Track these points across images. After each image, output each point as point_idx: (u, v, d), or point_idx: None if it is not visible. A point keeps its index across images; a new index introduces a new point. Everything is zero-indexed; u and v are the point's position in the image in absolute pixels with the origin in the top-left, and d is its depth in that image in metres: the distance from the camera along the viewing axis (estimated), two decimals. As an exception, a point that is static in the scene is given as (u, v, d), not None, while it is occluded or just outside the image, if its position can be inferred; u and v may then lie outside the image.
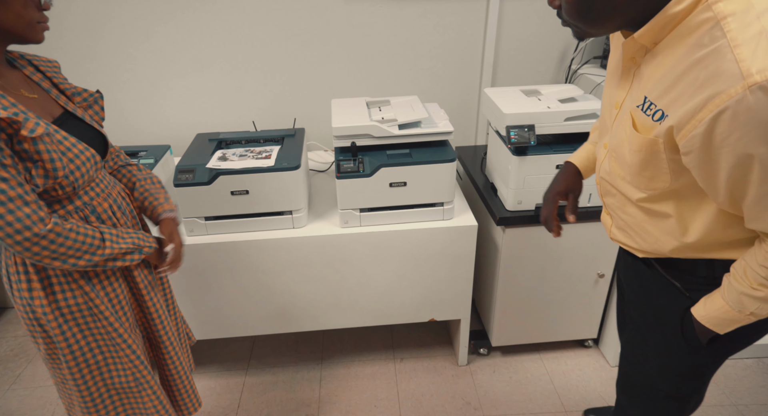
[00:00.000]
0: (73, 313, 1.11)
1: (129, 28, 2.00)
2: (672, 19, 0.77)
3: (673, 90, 0.79)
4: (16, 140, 0.91)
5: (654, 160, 0.87)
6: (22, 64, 1.05)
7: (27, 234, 0.93)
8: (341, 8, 2.04)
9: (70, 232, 0.98)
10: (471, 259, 1.77)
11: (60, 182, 0.98)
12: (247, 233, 1.68)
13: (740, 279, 0.90)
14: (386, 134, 1.61)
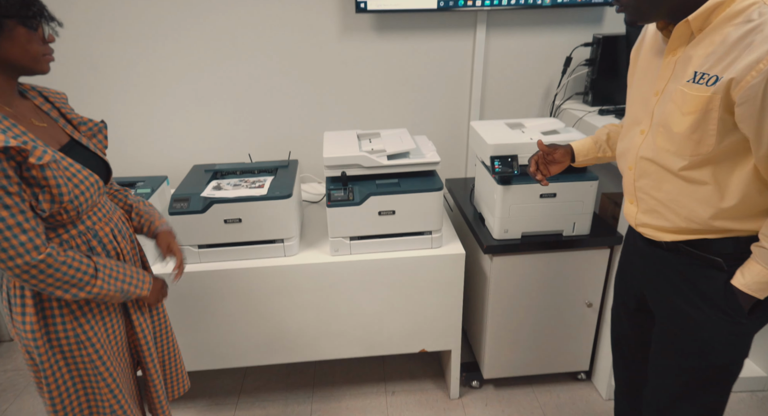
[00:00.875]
0: (60, 340, 1.12)
1: (130, 65, 2.09)
2: (720, 4, 0.93)
3: (727, 57, 0.92)
4: (25, 167, 0.96)
5: (704, 121, 0.96)
6: (32, 95, 1.12)
7: (19, 261, 0.96)
8: (334, 45, 2.14)
9: (62, 265, 1.00)
10: (460, 287, 1.79)
11: (65, 207, 1.03)
12: (239, 261, 1.70)
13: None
14: (375, 164, 1.67)
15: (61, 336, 1.12)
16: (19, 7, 0.94)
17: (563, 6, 2.09)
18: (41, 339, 1.10)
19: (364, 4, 2.02)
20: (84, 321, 1.13)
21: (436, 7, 2.06)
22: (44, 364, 1.12)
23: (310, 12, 2.08)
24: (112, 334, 1.20)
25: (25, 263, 0.96)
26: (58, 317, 1.10)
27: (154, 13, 2.02)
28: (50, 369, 1.13)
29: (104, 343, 1.17)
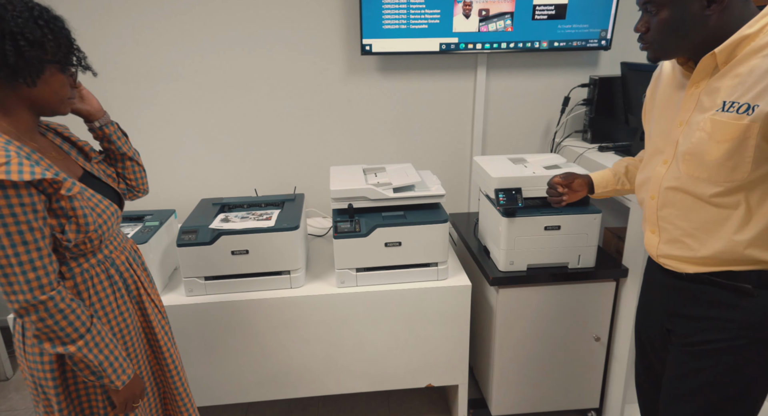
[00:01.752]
0: (77, 384, 1.12)
1: (140, 103, 2.17)
2: (745, 38, 0.97)
3: (757, 86, 0.95)
4: (55, 198, 0.99)
5: (740, 148, 0.98)
6: (43, 131, 1.15)
7: (20, 297, 0.96)
8: (340, 86, 2.23)
9: (58, 312, 0.98)
10: (466, 320, 1.78)
11: (90, 236, 1.05)
12: (245, 293, 1.70)
13: None
14: (381, 196, 1.70)
15: (79, 380, 1.12)
16: (65, 55, 1.00)
17: (560, 50, 2.19)
18: (57, 371, 1.09)
19: (370, 47, 2.12)
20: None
21: (438, 50, 2.16)
22: (59, 397, 1.10)
23: (318, 54, 2.18)
24: (138, 364, 1.20)
25: (25, 300, 0.96)
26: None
27: (166, 55, 2.12)
28: (64, 402, 1.12)
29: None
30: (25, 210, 0.94)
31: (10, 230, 0.93)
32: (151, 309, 1.25)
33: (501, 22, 2.13)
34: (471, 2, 2.09)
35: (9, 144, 0.95)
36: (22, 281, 0.95)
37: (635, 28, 1.07)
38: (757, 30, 0.96)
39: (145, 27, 2.06)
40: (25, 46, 0.93)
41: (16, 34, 0.92)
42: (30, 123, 1.04)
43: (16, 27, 0.92)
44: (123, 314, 1.16)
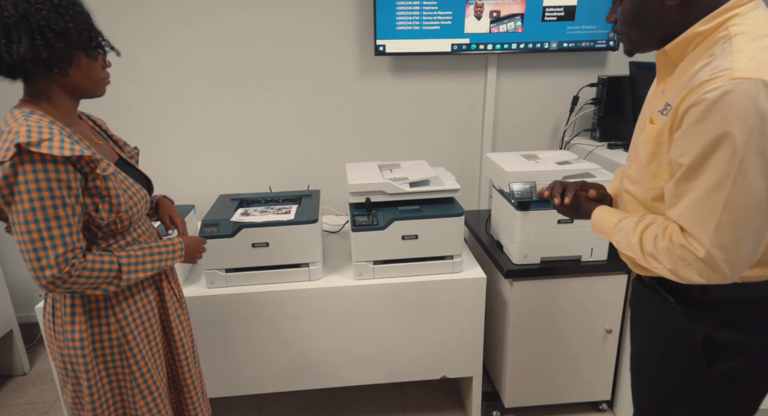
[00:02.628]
0: (104, 349, 1.16)
1: (159, 104, 2.22)
2: (697, 36, 0.91)
3: (684, 89, 0.88)
4: (91, 177, 1.03)
5: (658, 153, 0.95)
6: (83, 119, 1.21)
7: (47, 272, 0.99)
8: (353, 85, 2.28)
9: (84, 271, 1.03)
10: (481, 312, 1.81)
11: (121, 216, 1.09)
12: (264, 285, 1.74)
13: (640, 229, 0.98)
14: (398, 191, 1.74)
15: (106, 345, 1.15)
16: (86, 40, 1.04)
17: (569, 50, 2.24)
18: (88, 346, 1.13)
19: (383, 48, 2.17)
20: (128, 331, 1.16)
21: (450, 51, 2.21)
22: (89, 373, 1.14)
23: (332, 54, 2.23)
24: (155, 347, 1.23)
25: (52, 275, 1.00)
26: (104, 325, 1.14)
27: (184, 56, 2.17)
28: (94, 378, 1.15)
29: (146, 354, 1.20)
30: (60, 186, 0.98)
31: (45, 204, 0.97)
32: (169, 297, 1.28)
33: (511, 23, 2.18)
34: (482, 4, 2.14)
35: (53, 123, 1.00)
36: (51, 256, 0.99)
37: (606, 18, 1.04)
38: (710, 28, 0.89)
39: (164, 29, 2.11)
40: (53, 39, 0.97)
41: (43, 28, 0.96)
42: (70, 107, 1.09)
43: (42, 20, 0.96)
44: (143, 299, 1.20)
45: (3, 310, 2.29)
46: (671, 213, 0.93)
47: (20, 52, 0.95)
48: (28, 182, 0.96)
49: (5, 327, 2.30)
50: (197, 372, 1.38)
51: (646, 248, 0.96)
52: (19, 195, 0.96)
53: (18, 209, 0.97)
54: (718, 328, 1.00)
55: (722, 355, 1.01)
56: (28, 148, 0.94)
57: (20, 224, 0.98)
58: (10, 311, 2.33)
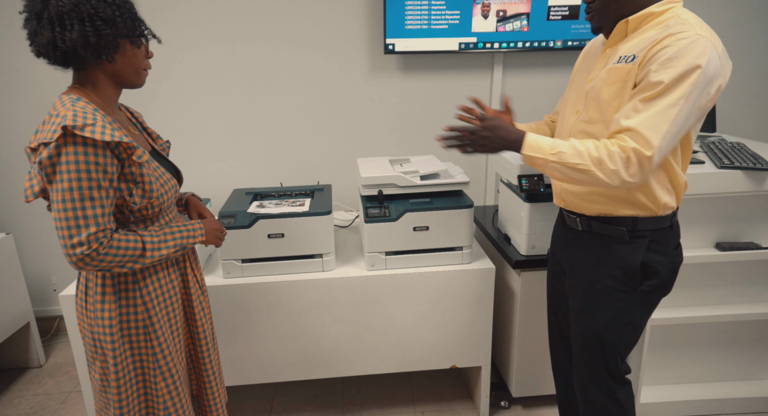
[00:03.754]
0: (130, 329, 1.21)
1: (176, 100, 2.28)
2: (650, 14, 1.20)
3: (643, 44, 1.17)
4: (128, 163, 1.09)
5: (623, 90, 1.19)
6: (122, 110, 1.28)
7: (78, 250, 1.05)
8: (362, 83, 2.33)
9: (110, 248, 1.08)
10: (490, 302, 1.86)
11: (152, 202, 1.15)
12: (279, 275, 1.79)
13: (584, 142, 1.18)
14: (409, 183, 1.79)
15: (132, 326, 1.20)
16: (130, 28, 1.11)
17: (573, 49, 2.30)
18: (116, 326, 1.18)
19: (393, 46, 2.23)
20: (153, 314, 1.21)
21: (457, 49, 2.26)
22: (115, 352, 1.19)
23: (342, 53, 2.29)
24: (176, 331, 1.28)
25: (81, 252, 1.05)
26: (131, 306, 1.19)
27: (198, 55, 2.23)
28: (120, 356, 1.20)
29: (168, 337, 1.25)
30: (97, 169, 1.04)
31: (82, 185, 1.03)
32: (192, 283, 1.33)
33: (517, 22, 2.24)
34: (489, 3, 2.20)
35: (96, 111, 1.06)
36: (84, 234, 1.05)
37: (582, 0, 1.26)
38: (663, 10, 1.19)
39: (179, 28, 2.17)
40: (101, 26, 1.04)
41: (93, 16, 1.03)
42: (112, 96, 1.16)
43: (91, 8, 1.03)
44: (168, 283, 1.25)
45: (21, 303, 2.34)
46: (629, 122, 1.13)
47: (72, 38, 1.02)
48: (69, 163, 1.02)
49: (23, 319, 2.36)
50: (216, 358, 1.43)
51: (594, 153, 1.16)
52: (59, 174, 1.02)
53: (58, 188, 1.03)
54: (646, 253, 1.28)
55: (647, 275, 1.30)
56: (73, 131, 1.00)
57: (58, 202, 1.04)
58: (28, 304, 2.39)
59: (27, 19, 1.05)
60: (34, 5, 1.03)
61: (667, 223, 1.30)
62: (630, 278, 1.30)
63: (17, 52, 2.19)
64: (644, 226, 1.28)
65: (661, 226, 1.29)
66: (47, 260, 2.56)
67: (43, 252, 2.54)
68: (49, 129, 1.02)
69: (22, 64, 2.22)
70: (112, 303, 1.17)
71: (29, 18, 1.04)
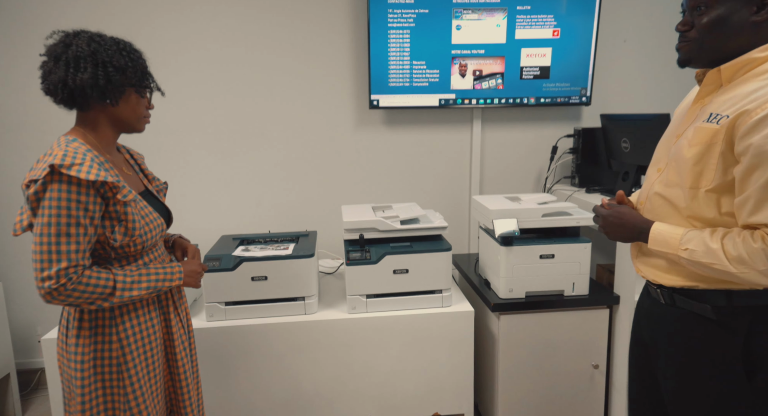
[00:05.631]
0: (104, 367, 1.22)
1: (169, 153, 2.39)
2: (753, 60, 1.02)
3: (741, 102, 1.00)
4: (112, 202, 1.16)
5: (707, 154, 1.03)
6: (122, 152, 1.37)
7: (47, 283, 1.09)
8: (348, 136, 2.46)
9: (79, 284, 1.12)
10: (470, 346, 1.87)
11: (135, 240, 1.21)
12: (262, 318, 1.82)
13: (717, 237, 1.03)
14: (389, 228, 1.86)
15: (106, 364, 1.22)
16: (138, 79, 1.23)
17: (546, 105, 2.46)
18: (88, 363, 1.20)
19: (377, 102, 2.38)
20: (128, 352, 1.23)
21: (438, 105, 2.42)
22: (84, 389, 1.20)
23: (330, 107, 2.43)
24: (152, 372, 1.29)
25: (49, 286, 1.10)
26: (107, 343, 1.21)
27: (192, 109, 2.37)
28: (88, 395, 1.20)
29: (143, 378, 1.26)
30: (78, 207, 1.11)
31: (61, 221, 1.10)
32: (174, 322, 1.35)
33: (493, 80, 2.41)
34: (466, 64, 2.38)
35: (89, 151, 1.15)
36: (54, 268, 1.09)
37: (677, 27, 1.10)
38: (766, 56, 1.01)
39: (173, 82, 2.33)
40: (112, 72, 1.16)
41: (106, 63, 1.15)
42: (110, 138, 1.25)
43: (106, 56, 1.15)
44: (147, 322, 1.27)
45: (2, 354, 2.32)
46: (760, 218, 0.98)
47: (83, 78, 1.12)
48: (52, 199, 1.09)
49: (3, 370, 2.32)
50: (198, 401, 1.43)
51: (732, 252, 1.00)
52: (42, 209, 1.09)
53: (38, 222, 1.10)
54: (751, 337, 1.05)
55: (759, 367, 1.05)
56: (60, 169, 1.08)
57: (36, 235, 1.10)
58: (10, 355, 2.37)
59: (46, 60, 1.16)
60: (55, 49, 1.15)
61: None
62: (731, 369, 1.07)
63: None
64: (743, 302, 1.06)
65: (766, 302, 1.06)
66: (34, 309, 2.56)
67: (31, 301, 2.55)
68: (40, 167, 1.10)
69: (12, 120, 2.35)
70: (87, 338, 1.20)
71: (48, 60, 1.15)
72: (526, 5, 2.35)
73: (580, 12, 2.36)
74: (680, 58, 1.12)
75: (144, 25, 2.29)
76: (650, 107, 2.58)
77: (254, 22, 2.33)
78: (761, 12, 1.00)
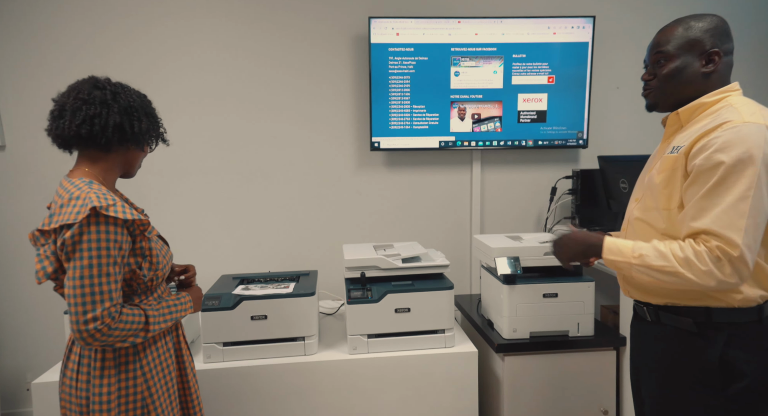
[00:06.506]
0: (128, 404, 1.19)
1: (171, 194, 2.41)
2: (703, 105, 1.21)
3: (695, 134, 1.16)
4: (139, 239, 1.17)
5: (673, 178, 1.19)
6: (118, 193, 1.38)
7: (91, 325, 1.08)
8: (350, 178, 2.50)
9: (119, 323, 1.12)
10: (474, 388, 1.82)
11: (158, 274, 1.22)
12: (260, 359, 1.77)
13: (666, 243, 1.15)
14: (391, 266, 1.85)
15: (131, 400, 1.19)
16: (153, 141, 1.30)
17: (544, 147, 2.51)
18: (114, 401, 1.17)
19: (378, 144, 2.43)
20: (152, 384, 1.21)
21: (438, 147, 2.46)
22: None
23: (332, 150, 2.48)
24: (172, 398, 1.28)
25: (95, 328, 1.08)
26: (131, 379, 1.19)
27: (194, 151, 2.41)
28: None
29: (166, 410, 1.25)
30: (116, 246, 1.11)
31: (102, 262, 1.09)
32: (185, 352, 1.36)
33: (491, 123, 2.47)
34: (465, 108, 2.45)
35: (109, 192, 1.16)
36: (99, 309, 1.08)
37: (642, 77, 1.29)
38: (714, 100, 1.21)
39: (179, 127, 2.38)
40: (153, 121, 1.26)
41: (149, 114, 1.25)
42: (115, 180, 1.28)
43: (149, 108, 1.25)
44: (165, 353, 1.27)
45: (-10, 397, 2.24)
46: (700, 223, 1.10)
47: (141, 126, 1.21)
48: (91, 241, 1.09)
49: (-12, 416, 2.24)
50: None
51: (680, 254, 1.11)
52: (80, 252, 1.08)
53: (76, 265, 1.09)
54: (728, 348, 1.15)
55: (732, 376, 1.15)
56: (100, 211, 1.09)
57: (75, 279, 1.09)
58: (-4, 401, 2.29)
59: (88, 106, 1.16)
60: (100, 95, 1.17)
61: (753, 317, 1.16)
62: (709, 378, 1.16)
63: (30, 149, 2.37)
64: (721, 318, 1.17)
65: (745, 320, 1.16)
66: (25, 356, 2.49)
67: (23, 348, 2.48)
68: (71, 210, 1.09)
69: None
70: (113, 377, 1.17)
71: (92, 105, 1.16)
72: (522, 53, 2.45)
73: (573, 60, 2.46)
74: (648, 103, 1.30)
75: (148, 69, 2.37)
76: (646, 148, 2.62)
77: (257, 65, 2.42)
78: (709, 65, 1.21)
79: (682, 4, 2.49)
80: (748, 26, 2.63)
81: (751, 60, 2.64)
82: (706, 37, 1.20)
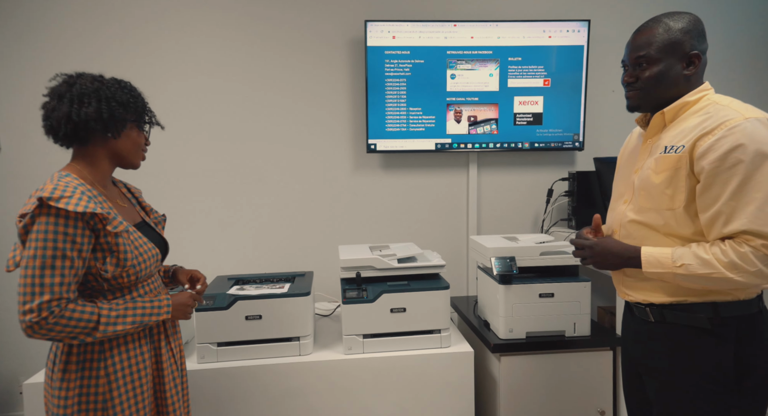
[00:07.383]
0: (88, 404, 1.17)
1: (169, 195, 2.41)
2: (686, 104, 1.24)
3: (690, 134, 1.18)
4: (103, 233, 1.16)
5: (675, 178, 1.19)
6: (120, 185, 1.39)
7: (29, 316, 1.07)
8: (347, 180, 2.50)
9: (61, 318, 1.09)
10: (470, 388, 1.80)
11: (127, 271, 1.19)
12: (255, 360, 1.76)
13: (705, 249, 1.14)
14: (387, 266, 1.85)
15: (91, 400, 1.18)
16: (140, 114, 1.26)
17: (540, 149, 2.52)
18: (72, 398, 1.16)
19: (374, 146, 2.44)
20: (115, 387, 1.19)
21: (434, 149, 2.47)
22: None
23: (328, 152, 2.48)
24: (141, 409, 1.24)
25: (30, 319, 1.08)
26: (93, 378, 1.18)
27: (191, 152, 2.42)
28: None
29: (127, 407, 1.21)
30: (65, 239, 1.10)
31: (46, 253, 1.09)
32: (166, 357, 1.31)
33: (487, 126, 2.48)
34: (461, 110, 2.46)
35: (81, 185, 1.15)
36: (36, 301, 1.07)
37: (624, 80, 1.30)
38: (696, 99, 1.24)
39: (176, 129, 2.39)
40: (114, 106, 1.19)
41: (109, 98, 1.19)
42: (106, 172, 1.26)
43: (109, 93, 1.20)
44: (137, 356, 1.24)
45: (-17, 400, 2.22)
46: (737, 225, 1.11)
47: (87, 112, 1.16)
48: (39, 232, 1.09)
49: (-19, 419, 2.22)
50: None
51: (724, 259, 1.11)
52: (29, 242, 1.09)
53: (25, 254, 1.09)
54: (739, 344, 1.16)
55: (744, 372, 1.16)
56: (48, 202, 1.08)
57: (22, 268, 1.09)
58: (-11, 403, 2.27)
59: (48, 100, 1.19)
60: (59, 88, 1.18)
61: (754, 308, 1.19)
62: (723, 375, 1.16)
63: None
64: (728, 313, 1.17)
65: (749, 312, 1.18)
66: (18, 360, 2.47)
67: (15, 352, 2.46)
68: (31, 201, 1.10)
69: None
70: (73, 373, 1.17)
71: (51, 99, 1.18)
72: (517, 57, 2.46)
73: (568, 63, 2.47)
74: (630, 104, 1.31)
75: (146, 71, 2.38)
76: (642, 152, 2.64)
77: (255, 68, 2.43)
78: (690, 67, 1.24)
79: (677, 8, 2.50)
80: (741, 27, 2.65)
81: (744, 60, 2.66)
82: (686, 38, 1.22)
